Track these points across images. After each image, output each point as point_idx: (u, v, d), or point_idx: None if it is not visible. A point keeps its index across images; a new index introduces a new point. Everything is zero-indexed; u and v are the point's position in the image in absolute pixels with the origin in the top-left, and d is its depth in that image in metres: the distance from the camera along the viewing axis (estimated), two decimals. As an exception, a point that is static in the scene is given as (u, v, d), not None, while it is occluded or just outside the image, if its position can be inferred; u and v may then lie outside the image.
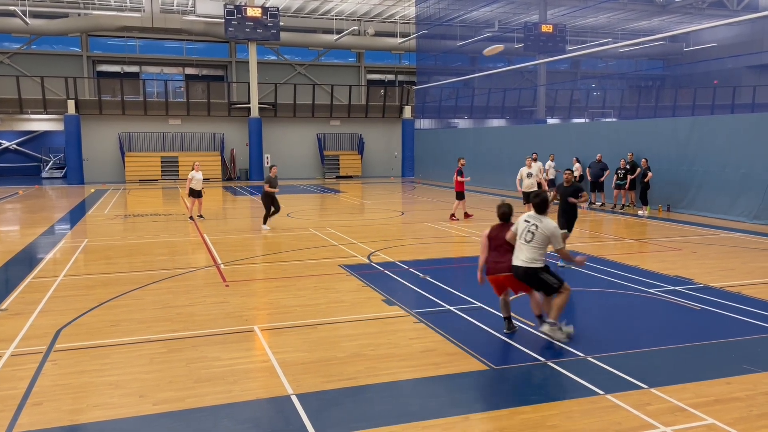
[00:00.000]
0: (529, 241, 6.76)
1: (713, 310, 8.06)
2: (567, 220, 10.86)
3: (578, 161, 21.44)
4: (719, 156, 17.15)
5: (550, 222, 6.83)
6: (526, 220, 6.87)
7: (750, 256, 11.84)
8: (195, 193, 17.58)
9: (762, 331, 7.17)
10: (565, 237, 10.12)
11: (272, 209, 15.81)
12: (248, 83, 35.52)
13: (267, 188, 15.60)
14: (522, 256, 6.79)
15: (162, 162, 35.20)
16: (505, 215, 7.25)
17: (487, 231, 7.33)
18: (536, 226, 6.77)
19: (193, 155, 35.72)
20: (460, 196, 17.40)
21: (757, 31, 34.82)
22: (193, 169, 17.81)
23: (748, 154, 16.32)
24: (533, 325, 7.43)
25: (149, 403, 5.39)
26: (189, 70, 39.83)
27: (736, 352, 6.51)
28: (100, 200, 24.30)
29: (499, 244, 7.11)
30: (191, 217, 17.65)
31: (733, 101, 35.45)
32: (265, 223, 15.81)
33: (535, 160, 15.22)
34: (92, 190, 29.01)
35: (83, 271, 11.09)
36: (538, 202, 6.90)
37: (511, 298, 7.37)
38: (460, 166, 17.67)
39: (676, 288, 9.23)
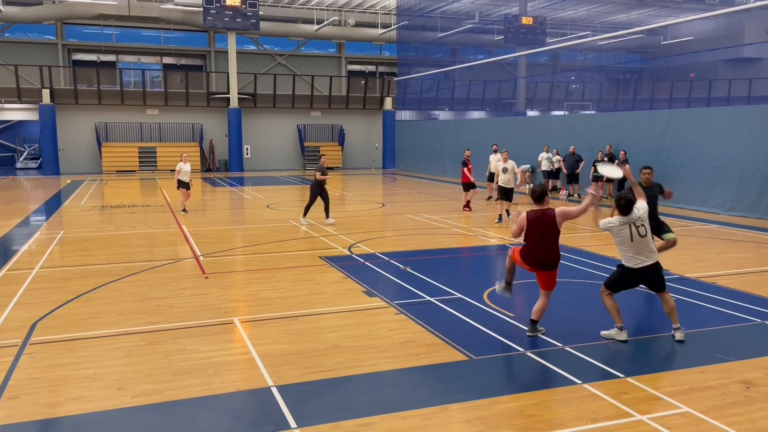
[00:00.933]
0: (644, 236, 6.48)
1: (688, 300, 8.20)
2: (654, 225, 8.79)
3: (558, 153, 21.60)
4: (695, 148, 17.39)
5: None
6: (626, 222, 6.48)
7: (724, 246, 12.06)
8: (183, 185, 17.26)
9: (735, 321, 7.32)
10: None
11: (316, 200, 15.18)
12: (227, 73, 35.17)
13: (318, 176, 15.09)
14: (653, 254, 6.54)
15: (140, 152, 34.74)
16: (543, 194, 6.73)
17: (524, 214, 6.79)
18: (643, 219, 6.53)
19: (172, 146, 35.33)
20: (466, 187, 17.53)
21: (733, 25, 35.33)
22: (181, 161, 17.46)
23: (724, 146, 16.58)
24: (512, 315, 7.50)
25: (127, 396, 5.34)
26: (167, 60, 39.29)
27: (711, 341, 6.63)
28: (77, 191, 23.94)
29: (545, 231, 6.55)
30: (185, 210, 17.23)
31: (710, 94, 35.96)
32: (305, 215, 15.21)
33: (506, 159, 15.15)
34: (68, 181, 28.57)
35: (59, 263, 10.94)
36: (624, 204, 6.50)
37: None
38: (465, 157, 17.82)
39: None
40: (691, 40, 37.59)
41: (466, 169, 17.42)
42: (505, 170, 14.90)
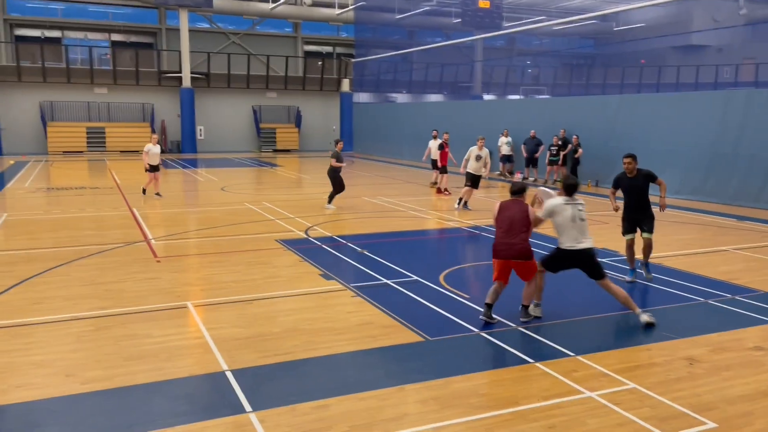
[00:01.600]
0: (584, 220, 6.68)
1: (636, 280, 8.45)
2: (638, 219, 8.45)
3: (508, 135, 21.82)
4: (644, 133, 17.86)
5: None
6: (567, 203, 6.70)
7: (671, 229, 12.47)
8: (152, 168, 16.41)
9: (679, 300, 7.59)
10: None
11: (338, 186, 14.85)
12: (179, 52, 34.23)
13: (334, 163, 14.71)
14: (586, 240, 6.67)
15: (87, 133, 33.63)
16: (521, 190, 6.89)
17: (497, 205, 6.86)
18: (582, 205, 6.77)
19: (121, 126, 34.32)
20: (443, 170, 17.69)
21: (682, 13, 36.18)
22: (150, 142, 16.59)
23: (672, 131, 17.08)
24: (468, 297, 7.60)
25: (77, 382, 5.20)
26: (116, 37, 37.91)
27: (656, 319, 6.86)
28: (21, 172, 23.03)
29: (514, 222, 6.62)
30: (158, 194, 16.47)
31: (659, 80, 36.90)
32: (330, 201, 14.78)
33: (481, 147, 15.12)
34: (11, 162, 27.44)
35: (3, 247, 10.53)
36: (572, 183, 6.81)
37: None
38: (444, 140, 17.90)
39: (602, 260, 9.60)
40: (642, 26, 38.38)
41: (441, 153, 17.58)
42: (478, 158, 14.47)
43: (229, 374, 5.36)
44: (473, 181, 14.61)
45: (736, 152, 15.47)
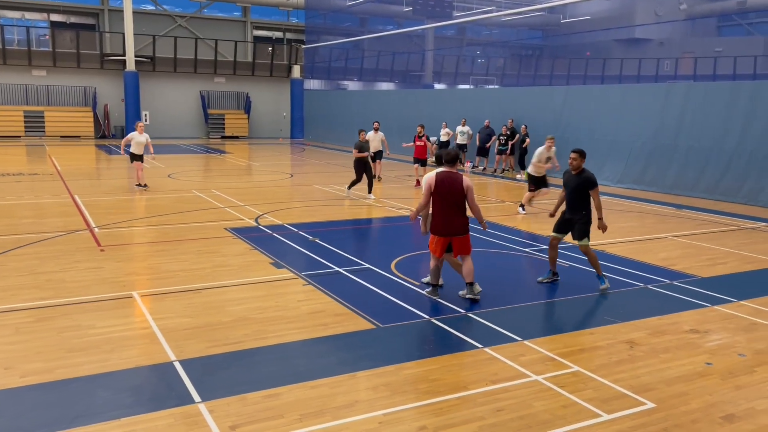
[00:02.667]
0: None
1: (580, 267, 8.71)
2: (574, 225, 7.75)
3: (465, 125, 22.03)
4: (589, 124, 18.35)
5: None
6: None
7: (613, 217, 12.87)
8: (137, 158, 15.48)
9: (621, 285, 7.87)
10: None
11: (363, 177, 14.55)
12: (123, 34, 33.05)
13: (356, 154, 14.38)
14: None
15: (25, 117, 32.17)
16: (455, 158, 6.84)
17: (433, 178, 6.77)
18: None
19: (62, 110, 33.00)
20: (422, 163, 17.43)
21: (625, 6, 37.20)
22: (135, 130, 15.46)
23: (615, 122, 17.60)
24: (418, 284, 7.67)
25: (15, 375, 5.02)
26: (55, 17, 36.29)
27: (599, 305, 7.10)
28: (-48, 158, 21.89)
29: (454, 199, 6.70)
30: (144, 185, 15.44)
31: (603, 72, 37.87)
32: (349, 188, 14.69)
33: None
34: (-58, 147, 26.05)
35: (-67, 236, 10.01)
36: (451, 158, 6.94)
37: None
38: (418, 132, 17.53)
39: (543, 247, 9.86)
40: (588, 19, 39.27)
41: (419, 143, 17.39)
42: (548, 159, 13.79)
43: (177, 365, 5.27)
44: (539, 182, 13.28)
45: (675, 143, 16.08)
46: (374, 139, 17.61)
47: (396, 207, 13.79)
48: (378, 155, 17.71)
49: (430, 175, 6.86)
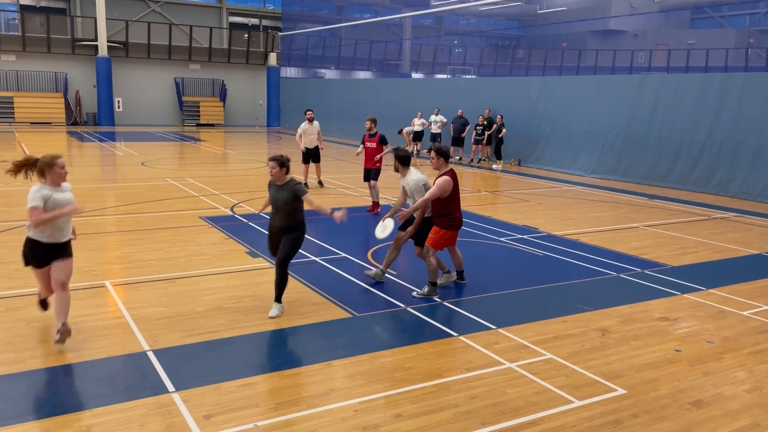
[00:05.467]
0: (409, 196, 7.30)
1: (554, 256, 8.83)
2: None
3: (439, 114, 22.06)
4: (564, 114, 18.51)
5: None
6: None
7: (587, 206, 13.05)
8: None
9: (594, 274, 7.99)
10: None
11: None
12: (95, 18, 32.36)
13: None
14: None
15: (-7, 102, 31.43)
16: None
17: (449, 177, 6.81)
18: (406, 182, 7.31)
19: (32, 96, 32.27)
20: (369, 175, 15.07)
21: (601, -2, 37.49)
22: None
23: (590, 113, 17.79)
24: (395, 273, 7.69)
25: (-16, 367, 4.93)
26: (24, 0, 35.38)
27: (572, 293, 7.20)
28: None
29: (457, 194, 6.91)
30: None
31: (579, 63, 38.20)
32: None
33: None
34: None
35: None
36: (404, 155, 7.34)
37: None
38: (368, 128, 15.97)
39: (524, 236, 9.98)
40: (564, 10, 39.52)
41: (370, 145, 16.43)
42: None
43: (150, 354, 5.23)
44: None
45: (648, 134, 16.31)
46: (311, 132, 14.09)
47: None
48: (315, 156, 14.23)
49: (445, 178, 6.79)
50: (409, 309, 6.51)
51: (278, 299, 6.23)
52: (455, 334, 5.87)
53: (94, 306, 6.39)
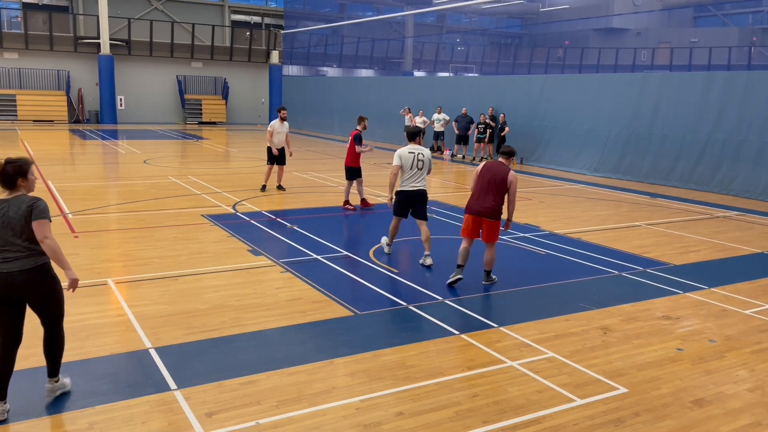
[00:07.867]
0: (420, 169, 7.96)
1: (556, 254, 8.82)
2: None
3: (441, 112, 22.02)
4: (567, 113, 18.49)
5: (427, 150, 8.12)
6: (410, 152, 7.94)
7: (589, 205, 13.03)
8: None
9: (596, 273, 7.99)
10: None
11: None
12: (97, 16, 32.37)
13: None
14: (419, 182, 7.96)
15: (-4, 100, 31.47)
16: (510, 153, 7.40)
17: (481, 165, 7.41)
18: (423, 154, 7.97)
19: (34, 94, 32.31)
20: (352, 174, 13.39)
21: (604, -4, 37.43)
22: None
23: (592, 111, 17.76)
24: (396, 272, 7.70)
25: (-13, 364, 4.93)
26: (26, -2, 35.44)
27: (574, 291, 7.20)
28: None
29: (487, 182, 7.15)
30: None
31: (581, 61, 38.15)
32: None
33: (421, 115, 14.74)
34: None
35: None
36: (412, 131, 8.15)
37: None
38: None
39: (526, 235, 9.97)
40: (567, 8, 39.47)
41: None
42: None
43: (153, 352, 5.24)
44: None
45: (650, 132, 16.29)
46: (280, 131, 13.29)
47: (374, 194, 13.78)
48: (281, 158, 13.42)
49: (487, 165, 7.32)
50: (410, 307, 6.52)
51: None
52: (456, 332, 5.87)
53: (97, 304, 6.41)
